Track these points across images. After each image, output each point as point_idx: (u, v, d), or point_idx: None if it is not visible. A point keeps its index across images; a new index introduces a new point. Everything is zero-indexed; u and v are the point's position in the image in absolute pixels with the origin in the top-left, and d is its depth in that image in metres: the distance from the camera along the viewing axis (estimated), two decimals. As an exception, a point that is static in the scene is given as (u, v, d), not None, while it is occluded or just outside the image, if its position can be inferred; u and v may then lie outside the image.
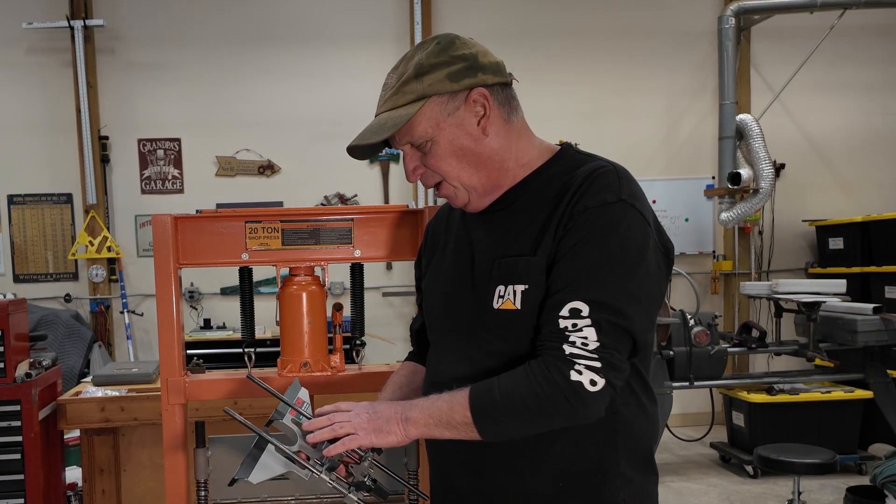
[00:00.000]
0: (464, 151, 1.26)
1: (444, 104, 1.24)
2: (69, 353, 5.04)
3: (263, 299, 4.20)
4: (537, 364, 1.17)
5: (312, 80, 5.91)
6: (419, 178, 1.31)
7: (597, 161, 1.27)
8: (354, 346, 2.04)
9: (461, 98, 1.24)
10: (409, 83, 1.24)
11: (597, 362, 1.14)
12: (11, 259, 5.77)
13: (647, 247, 1.19)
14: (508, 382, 1.18)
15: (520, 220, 1.27)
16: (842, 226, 5.78)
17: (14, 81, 5.70)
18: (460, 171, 1.27)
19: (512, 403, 1.16)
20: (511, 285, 1.23)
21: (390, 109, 1.25)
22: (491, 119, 1.26)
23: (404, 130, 1.25)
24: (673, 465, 5.10)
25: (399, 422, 1.22)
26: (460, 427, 1.19)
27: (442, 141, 1.25)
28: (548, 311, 1.18)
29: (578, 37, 6.07)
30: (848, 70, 6.24)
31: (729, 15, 5.71)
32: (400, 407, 1.24)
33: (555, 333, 1.16)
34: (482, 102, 1.25)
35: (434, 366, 1.39)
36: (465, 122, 1.25)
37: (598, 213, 1.17)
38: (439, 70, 1.23)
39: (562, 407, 1.15)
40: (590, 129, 5.98)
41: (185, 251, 1.90)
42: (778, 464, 3.34)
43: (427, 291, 1.45)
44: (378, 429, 1.23)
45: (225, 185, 5.88)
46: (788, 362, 5.80)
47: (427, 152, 1.27)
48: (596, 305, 1.14)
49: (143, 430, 2.90)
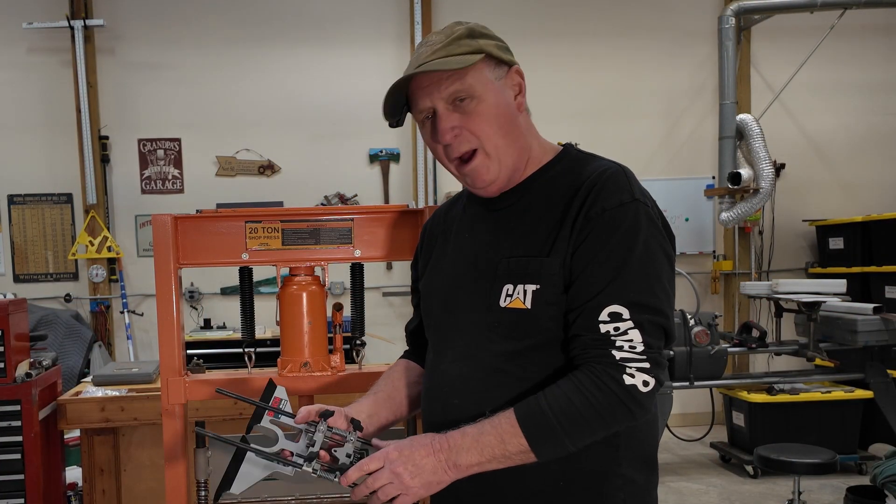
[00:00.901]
0: (505, 118, 1.26)
1: (493, 68, 1.26)
2: (69, 353, 5.04)
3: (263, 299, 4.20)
4: (585, 374, 1.16)
5: (313, 80, 5.91)
6: (452, 139, 1.25)
7: (601, 161, 1.28)
8: (354, 345, 2.04)
9: (504, 70, 1.27)
10: (463, 39, 1.24)
11: (645, 363, 1.15)
12: (11, 259, 5.77)
13: (664, 242, 1.22)
14: (559, 399, 1.15)
15: (526, 219, 1.27)
16: (842, 226, 5.78)
17: (14, 81, 5.70)
18: (499, 136, 1.25)
19: (568, 420, 1.14)
20: (521, 284, 1.22)
21: (445, 56, 1.22)
22: (523, 99, 1.30)
23: (457, 76, 1.22)
24: (673, 464, 5.10)
25: (446, 470, 1.18)
26: (516, 457, 1.17)
27: (489, 100, 1.24)
28: (585, 317, 1.17)
29: (578, 37, 6.07)
30: (848, 70, 6.24)
31: (729, 15, 5.71)
32: (442, 452, 1.18)
33: (598, 340, 1.16)
34: (518, 80, 1.29)
35: (434, 365, 1.37)
36: (505, 91, 1.27)
37: (616, 215, 1.18)
38: (489, 38, 1.27)
39: (620, 413, 1.15)
40: (590, 129, 5.98)
41: (186, 251, 1.90)
42: (778, 464, 3.34)
43: (426, 291, 1.44)
44: (427, 483, 1.18)
45: (225, 185, 5.88)
46: (788, 362, 5.80)
47: (469, 112, 1.24)
48: (635, 307, 1.15)
49: (143, 430, 2.89)
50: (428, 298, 1.43)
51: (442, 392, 1.32)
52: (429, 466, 1.18)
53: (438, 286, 1.39)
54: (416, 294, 1.53)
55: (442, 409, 1.32)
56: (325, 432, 1.25)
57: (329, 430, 1.26)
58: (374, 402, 1.44)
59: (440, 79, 1.23)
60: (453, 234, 1.41)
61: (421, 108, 1.27)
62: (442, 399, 1.32)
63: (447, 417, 1.28)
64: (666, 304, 1.19)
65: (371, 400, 1.44)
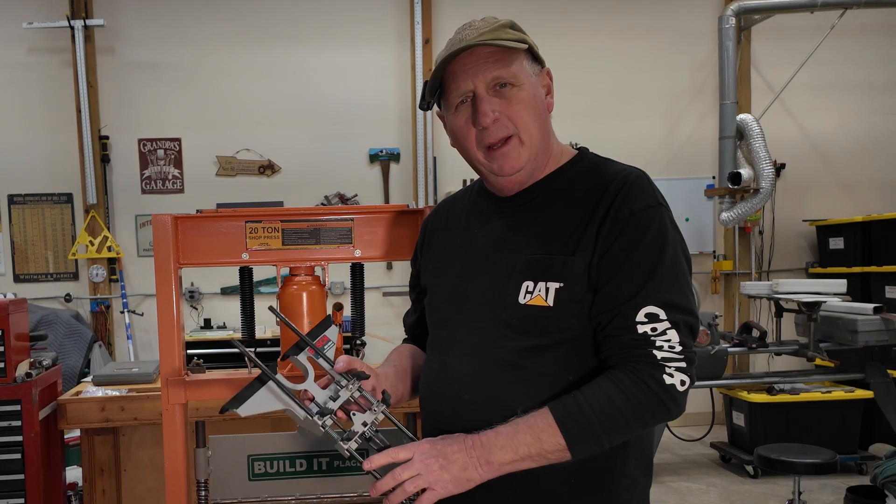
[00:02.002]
0: (540, 110, 1.29)
1: (531, 63, 1.30)
2: (69, 352, 5.04)
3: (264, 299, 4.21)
4: (625, 373, 1.17)
5: (313, 79, 5.91)
6: (492, 122, 1.25)
7: (621, 165, 1.31)
8: (355, 345, 2.04)
9: (538, 67, 1.31)
10: (507, 28, 1.26)
11: (683, 362, 1.18)
12: (12, 259, 5.77)
13: (685, 246, 1.26)
14: (599, 398, 1.16)
15: (545, 217, 1.28)
16: (842, 226, 5.78)
17: (14, 81, 5.70)
18: (535, 127, 1.27)
19: (608, 418, 1.15)
20: (543, 282, 1.23)
21: (494, 39, 1.23)
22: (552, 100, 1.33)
23: (500, 63, 1.24)
24: (673, 464, 5.09)
25: (478, 467, 1.16)
26: (551, 455, 1.16)
27: (528, 90, 1.27)
28: (621, 318, 1.19)
29: (578, 37, 6.07)
30: (848, 70, 6.24)
31: (729, 15, 5.71)
32: (474, 450, 1.16)
33: (638, 340, 1.18)
34: (547, 82, 1.33)
35: (440, 360, 1.35)
36: (540, 89, 1.30)
37: (644, 217, 1.21)
38: (527, 35, 1.29)
39: (659, 411, 1.18)
40: (590, 129, 5.96)
41: (186, 251, 1.90)
42: (778, 464, 3.34)
43: (431, 286, 1.43)
44: (456, 478, 1.15)
45: (225, 184, 5.88)
46: (789, 362, 5.80)
47: (509, 98, 1.25)
48: (670, 307, 1.18)
49: (143, 429, 2.89)
50: (433, 293, 1.42)
51: (451, 388, 1.30)
52: (460, 461, 1.16)
53: (446, 281, 1.38)
54: (415, 289, 1.52)
55: (451, 405, 1.30)
56: (353, 391, 1.22)
57: (359, 391, 1.22)
58: (395, 374, 1.42)
59: (486, 61, 1.24)
60: (462, 228, 1.40)
61: (462, 89, 1.26)
62: (451, 395, 1.30)
63: (457, 413, 1.28)
64: (693, 304, 1.23)
65: (392, 370, 1.42)
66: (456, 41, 1.26)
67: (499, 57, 1.24)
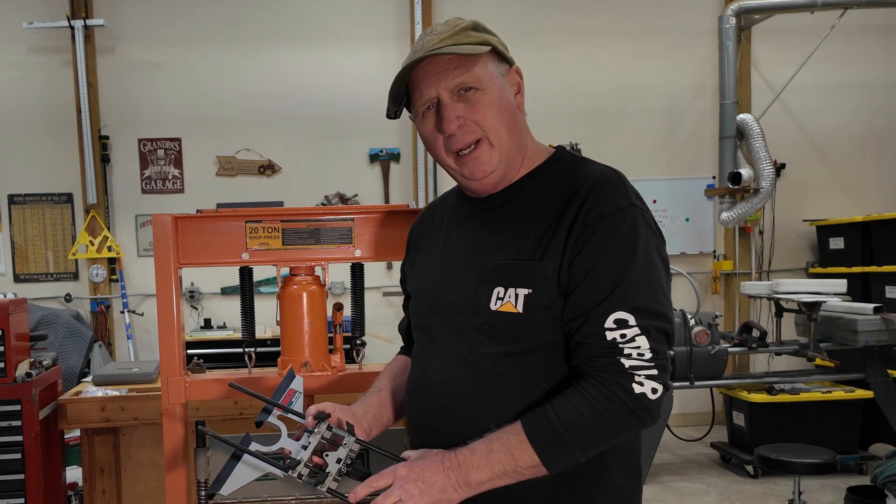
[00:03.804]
0: (508, 111, 1.26)
1: (497, 64, 1.27)
2: (69, 352, 5.04)
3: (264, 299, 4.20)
4: (592, 384, 1.15)
5: (313, 79, 5.91)
6: (457, 129, 1.24)
7: (595, 166, 1.27)
8: (355, 345, 2.04)
9: (505, 67, 1.29)
10: (469, 31, 1.24)
11: (654, 370, 1.14)
12: (12, 259, 5.77)
13: (661, 246, 1.22)
14: (568, 411, 1.14)
15: (517, 221, 1.26)
16: (842, 225, 5.78)
17: (14, 81, 5.70)
18: (502, 128, 1.25)
19: (578, 432, 1.13)
20: (512, 288, 1.21)
21: (454, 45, 1.21)
22: (522, 99, 1.30)
23: (462, 68, 1.22)
24: (673, 464, 5.09)
25: (457, 488, 1.16)
26: (527, 471, 1.16)
27: (493, 91, 1.24)
28: (590, 324, 1.16)
29: (578, 37, 6.07)
30: (848, 70, 6.24)
31: (729, 14, 5.71)
32: (452, 471, 1.17)
33: (605, 348, 1.15)
34: (517, 80, 1.30)
35: (422, 366, 1.35)
36: (507, 89, 1.28)
37: (615, 220, 1.17)
38: (492, 35, 1.27)
39: (630, 421, 1.15)
40: (590, 129, 5.99)
41: (186, 251, 1.90)
42: (778, 464, 3.34)
43: (414, 291, 1.43)
44: (436, 501, 1.16)
45: (225, 184, 5.88)
46: (789, 362, 5.80)
47: (474, 102, 1.23)
48: (640, 312, 1.15)
49: (143, 429, 2.89)
50: (415, 298, 1.42)
51: (428, 393, 1.31)
52: (438, 484, 1.17)
53: (425, 286, 1.38)
54: (406, 294, 1.52)
55: (428, 411, 1.30)
56: (322, 434, 1.24)
57: (329, 430, 1.25)
58: (379, 402, 1.44)
59: (447, 68, 1.22)
60: (442, 233, 1.39)
61: (425, 97, 1.25)
62: (428, 400, 1.31)
63: (433, 419, 1.28)
64: (668, 309, 1.19)
65: (375, 399, 1.44)
66: (417, 48, 1.24)
67: (460, 62, 1.22)
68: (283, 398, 1.30)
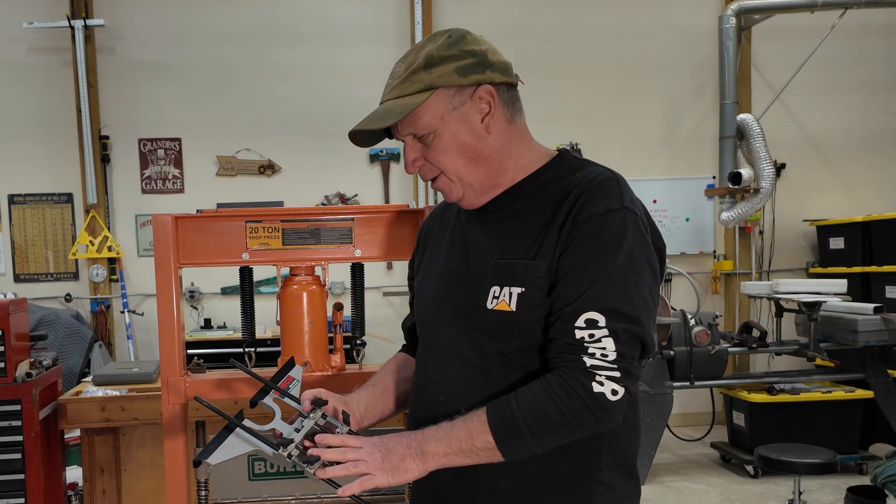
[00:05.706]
0: (465, 147, 1.26)
1: (451, 97, 1.24)
2: (70, 352, 5.04)
3: (264, 299, 4.20)
4: (555, 378, 1.16)
5: (313, 79, 5.91)
6: (418, 169, 1.30)
7: (594, 167, 1.28)
8: (355, 345, 2.04)
9: (468, 93, 1.25)
10: (418, 73, 1.24)
11: (616, 372, 1.15)
12: (12, 259, 5.77)
13: (649, 252, 1.22)
14: (528, 400, 1.16)
15: (516, 223, 1.27)
16: (842, 225, 5.78)
17: (14, 81, 5.70)
18: (460, 166, 1.27)
19: (535, 421, 1.15)
20: (507, 287, 1.23)
21: (397, 97, 1.24)
22: (495, 118, 1.26)
23: (408, 120, 1.24)
24: (673, 464, 5.10)
25: (414, 457, 1.20)
26: (482, 453, 1.18)
27: (445, 134, 1.25)
28: (562, 321, 1.18)
29: (579, 36, 6.07)
30: (848, 70, 6.24)
31: (729, 15, 5.71)
32: (413, 441, 1.21)
33: (572, 345, 1.16)
34: (487, 100, 1.26)
35: (423, 363, 1.39)
36: (469, 117, 1.25)
37: (603, 221, 1.18)
38: (449, 63, 1.23)
39: (586, 419, 1.16)
40: (590, 129, 5.99)
41: (186, 251, 1.90)
42: (778, 464, 3.34)
43: (419, 289, 1.45)
44: (394, 468, 1.20)
45: (225, 184, 5.88)
46: (789, 362, 5.80)
47: (429, 145, 1.26)
48: (612, 315, 1.15)
49: (143, 429, 2.89)
50: (420, 296, 1.44)
51: (428, 389, 1.34)
52: (399, 453, 1.20)
53: (430, 285, 1.40)
54: (411, 293, 1.53)
55: (427, 406, 1.33)
56: (316, 419, 1.25)
57: (323, 418, 1.26)
58: (372, 395, 1.46)
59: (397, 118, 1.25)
60: (448, 234, 1.41)
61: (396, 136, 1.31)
62: (428, 396, 1.34)
63: (431, 414, 1.30)
64: (644, 314, 1.18)
65: (369, 392, 1.46)
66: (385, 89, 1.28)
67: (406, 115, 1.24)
68: (282, 383, 1.32)
